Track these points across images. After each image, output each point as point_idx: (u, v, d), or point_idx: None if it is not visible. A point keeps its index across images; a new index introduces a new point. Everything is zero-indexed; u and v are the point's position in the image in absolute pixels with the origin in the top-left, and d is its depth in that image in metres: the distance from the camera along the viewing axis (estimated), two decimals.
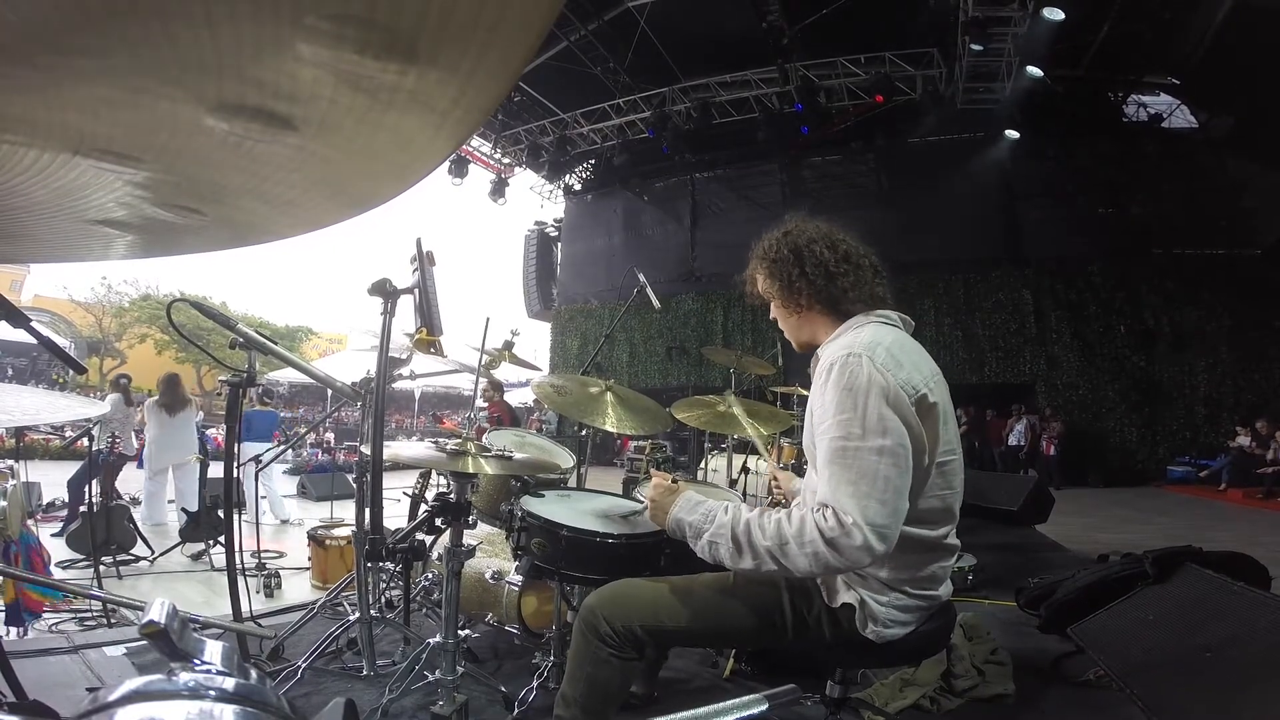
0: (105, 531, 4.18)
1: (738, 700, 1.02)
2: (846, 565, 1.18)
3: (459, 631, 1.82)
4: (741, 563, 1.24)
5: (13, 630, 2.55)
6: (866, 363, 1.22)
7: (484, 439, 2.20)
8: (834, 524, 1.15)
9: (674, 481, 1.42)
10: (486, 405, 6.93)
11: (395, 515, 2.89)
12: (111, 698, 0.61)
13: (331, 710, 0.83)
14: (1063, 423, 11.05)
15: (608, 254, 15.94)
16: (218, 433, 9.64)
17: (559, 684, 1.39)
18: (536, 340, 18.87)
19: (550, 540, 1.71)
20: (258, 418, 6.63)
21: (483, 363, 2.67)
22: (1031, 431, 11.16)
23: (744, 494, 3.82)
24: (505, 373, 4.73)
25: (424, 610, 2.76)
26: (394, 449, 1.91)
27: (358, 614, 2.29)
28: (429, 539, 1.81)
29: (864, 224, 1.56)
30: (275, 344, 2.04)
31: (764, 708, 1.00)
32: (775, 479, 1.82)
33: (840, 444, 1.20)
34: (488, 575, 2.57)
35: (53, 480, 6.16)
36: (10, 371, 17.83)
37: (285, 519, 6.27)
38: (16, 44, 0.39)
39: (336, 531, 3.66)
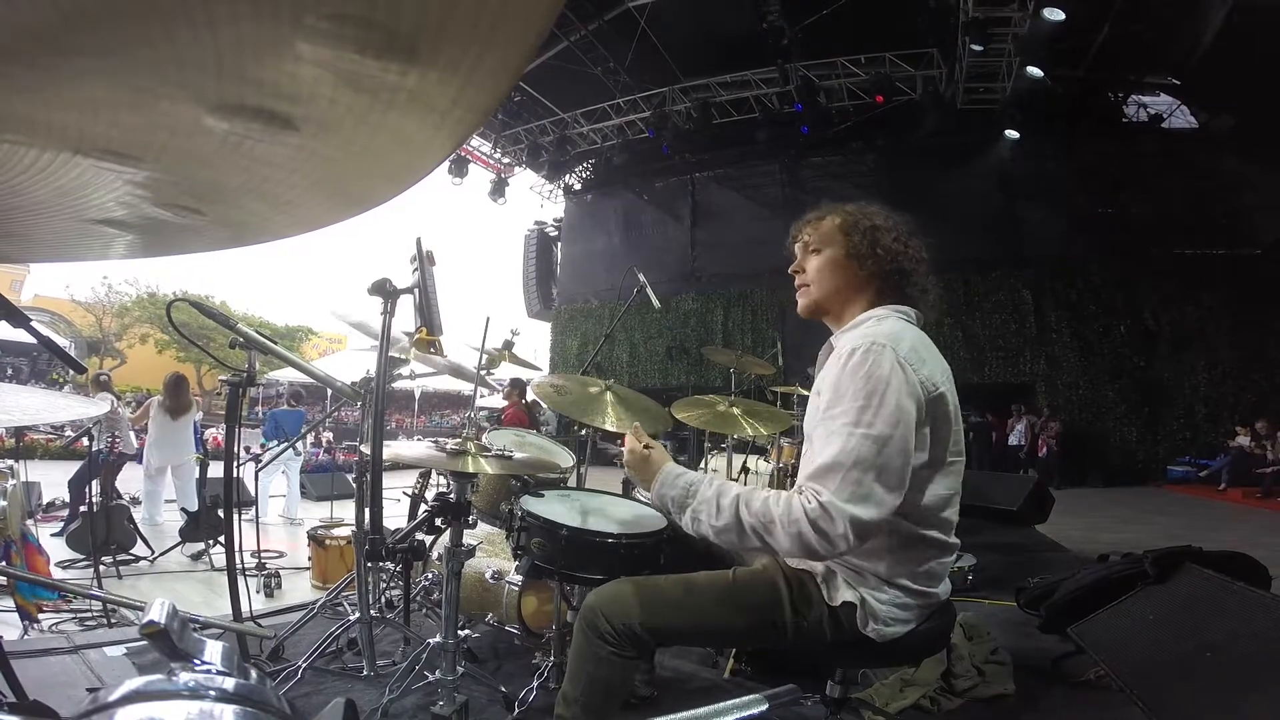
0: (105, 531, 4.18)
1: (738, 700, 1.02)
2: (826, 550, 1.18)
3: (459, 631, 1.83)
4: (725, 536, 1.26)
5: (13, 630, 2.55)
6: (890, 354, 1.22)
7: (484, 439, 2.20)
8: (816, 507, 1.16)
9: (647, 447, 1.41)
10: (506, 405, 6.71)
11: (395, 515, 2.89)
12: (111, 698, 0.61)
13: (331, 710, 0.83)
14: (1061, 422, 11.05)
15: (608, 254, 15.94)
16: (217, 432, 9.65)
17: (559, 684, 1.39)
18: (536, 340, 18.89)
19: (550, 540, 1.71)
20: (287, 418, 6.70)
21: (482, 363, 2.67)
22: (1031, 431, 11.17)
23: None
24: (505, 373, 4.72)
25: (424, 610, 2.76)
26: (394, 449, 1.92)
27: (358, 614, 2.29)
28: (429, 539, 1.81)
29: None
30: (275, 344, 2.04)
31: (764, 708, 1.00)
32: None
33: (847, 430, 1.19)
34: (488, 575, 2.57)
35: (53, 480, 6.16)
36: (10, 371, 17.81)
37: (294, 519, 6.30)
38: (16, 44, 0.39)
39: (336, 531, 3.66)
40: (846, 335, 1.37)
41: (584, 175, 17.51)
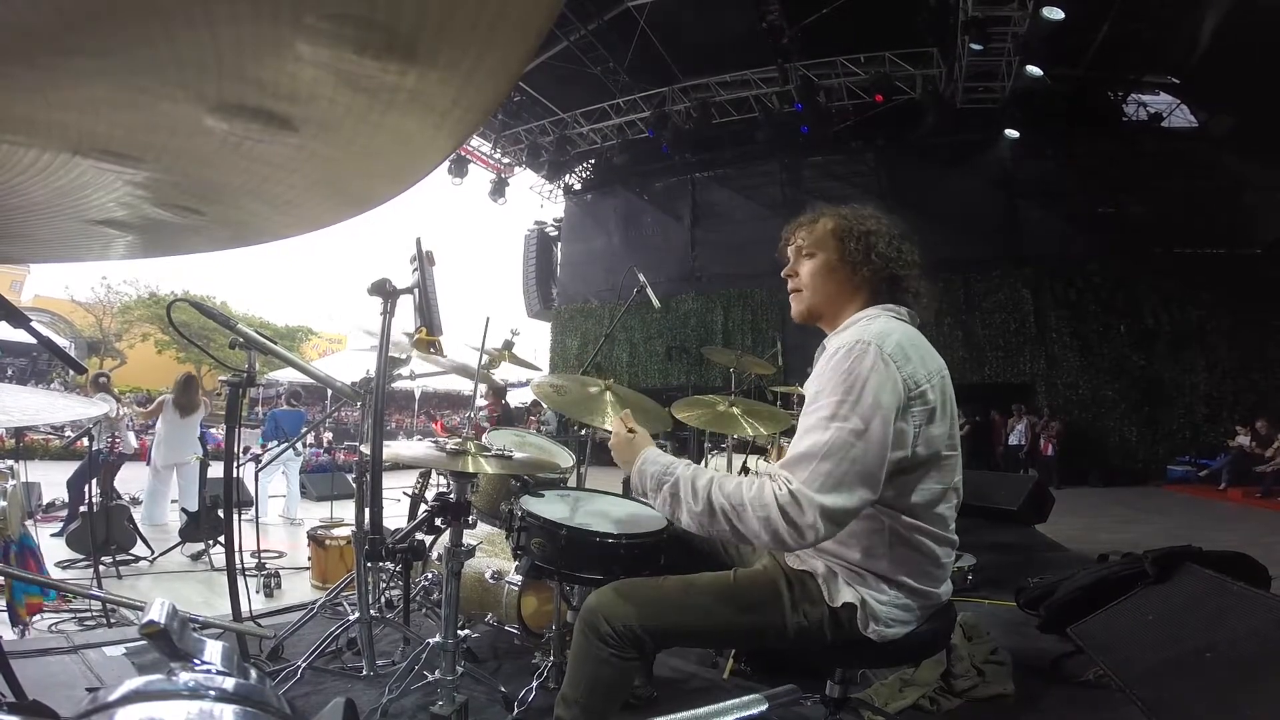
0: (105, 531, 4.17)
1: (738, 700, 1.02)
2: (794, 540, 1.18)
3: (459, 631, 1.83)
4: (699, 518, 1.25)
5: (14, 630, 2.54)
6: (874, 350, 1.23)
7: (484, 439, 2.20)
8: (787, 494, 1.17)
9: (631, 431, 1.45)
10: (486, 405, 6.89)
11: (395, 515, 2.89)
12: (111, 698, 0.61)
13: (331, 710, 0.83)
14: (1062, 422, 11.05)
15: (608, 254, 15.94)
16: (218, 433, 9.65)
17: (559, 684, 1.39)
18: (536, 340, 18.90)
19: (550, 540, 1.71)
20: (287, 418, 6.73)
21: (483, 363, 2.66)
22: (1031, 431, 11.17)
23: None
24: (505, 373, 4.72)
25: (424, 610, 2.76)
26: (394, 449, 1.91)
27: (358, 614, 2.29)
28: (429, 539, 1.81)
29: None
30: (275, 344, 2.04)
31: (764, 708, 1.00)
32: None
33: (824, 423, 1.21)
34: (488, 575, 2.57)
35: (52, 480, 6.15)
36: (10, 371, 17.81)
37: (293, 519, 6.31)
38: (16, 44, 0.39)
39: (336, 531, 3.65)
40: (837, 337, 1.37)
41: (584, 175, 17.51)
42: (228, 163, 0.59)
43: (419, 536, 1.72)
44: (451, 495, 1.78)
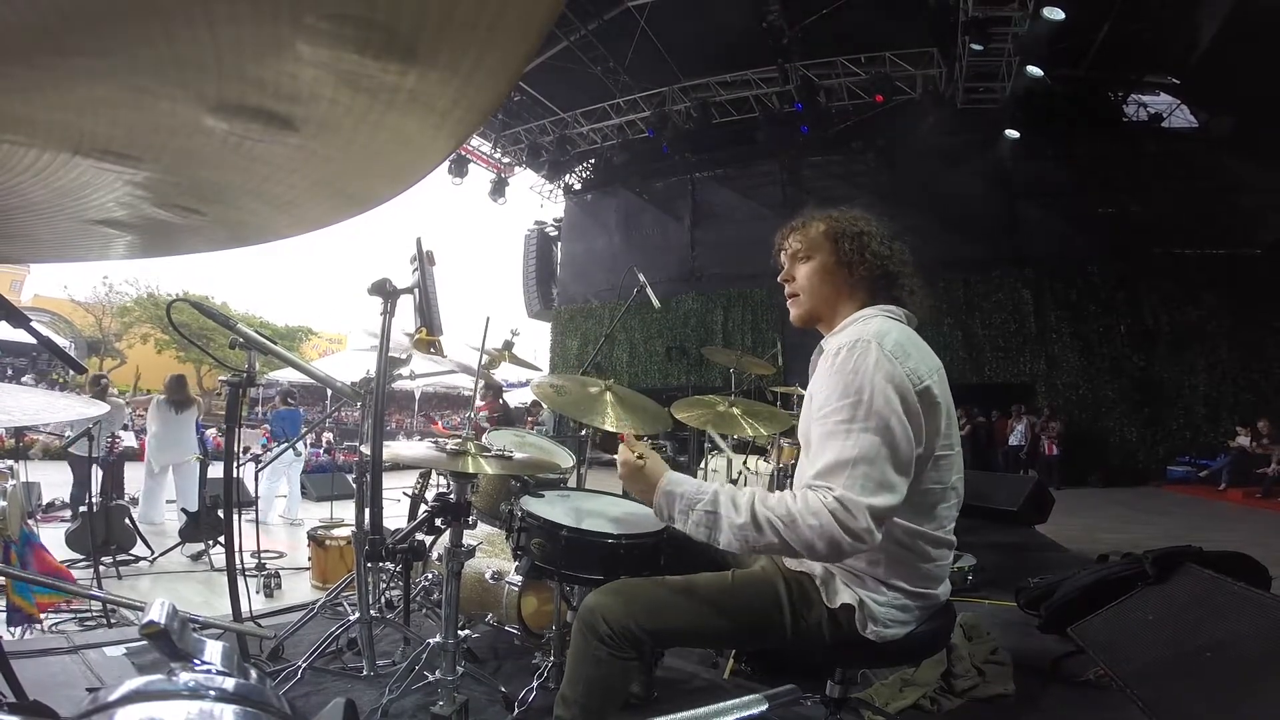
0: (105, 531, 4.17)
1: (738, 700, 1.02)
2: (851, 546, 1.14)
3: (459, 631, 1.83)
4: (743, 533, 1.20)
5: (16, 630, 2.55)
6: (875, 349, 1.23)
7: (484, 439, 2.20)
8: (833, 502, 1.15)
9: (640, 457, 1.33)
10: (481, 405, 6.93)
11: (395, 515, 2.89)
12: (111, 698, 0.61)
13: (331, 710, 0.83)
14: (1062, 422, 11.06)
15: (608, 254, 15.95)
16: (218, 433, 9.66)
17: (559, 684, 1.39)
18: (536, 340, 18.92)
19: (550, 540, 1.71)
20: (289, 417, 6.80)
21: (483, 363, 2.66)
22: (1032, 431, 11.17)
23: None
24: (505, 373, 4.72)
25: (424, 610, 2.76)
26: (394, 449, 1.92)
27: (358, 614, 2.29)
28: (429, 539, 1.81)
29: None
30: (275, 344, 2.04)
31: (764, 708, 1.00)
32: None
33: (844, 428, 1.20)
34: (488, 575, 2.57)
35: (52, 480, 6.15)
36: (10, 371, 17.80)
37: (293, 519, 6.31)
38: (16, 44, 0.39)
39: (336, 531, 3.65)
40: (835, 338, 1.37)
41: (584, 175, 17.52)
42: (228, 163, 0.59)
43: (419, 537, 1.72)
44: (451, 495, 1.78)
